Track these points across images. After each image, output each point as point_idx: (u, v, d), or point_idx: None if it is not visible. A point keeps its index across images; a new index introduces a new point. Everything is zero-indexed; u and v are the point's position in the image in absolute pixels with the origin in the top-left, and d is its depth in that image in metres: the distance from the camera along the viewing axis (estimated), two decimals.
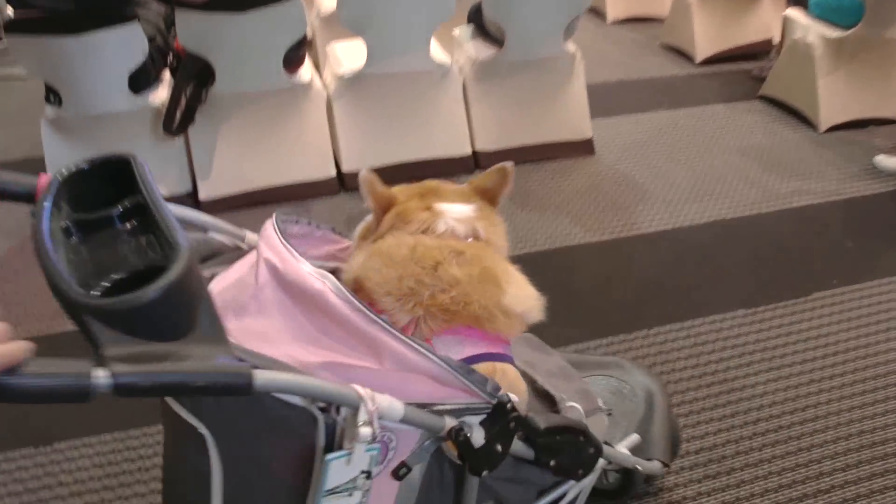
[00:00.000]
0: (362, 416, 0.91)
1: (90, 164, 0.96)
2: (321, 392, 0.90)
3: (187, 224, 1.25)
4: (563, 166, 3.49)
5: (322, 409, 0.95)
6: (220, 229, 1.31)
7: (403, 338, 0.98)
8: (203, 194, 3.04)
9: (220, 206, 3.03)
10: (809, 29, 3.82)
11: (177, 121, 2.85)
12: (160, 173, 3.03)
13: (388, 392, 0.95)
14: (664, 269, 2.75)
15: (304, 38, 2.98)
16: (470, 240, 1.25)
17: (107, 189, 0.93)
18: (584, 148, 3.58)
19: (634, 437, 1.57)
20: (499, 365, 1.17)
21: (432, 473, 1.13)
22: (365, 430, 0.91)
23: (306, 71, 3.13)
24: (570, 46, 3.48)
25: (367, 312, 0.98)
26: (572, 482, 1.36)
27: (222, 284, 1.11)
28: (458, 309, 1.14)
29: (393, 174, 3.14)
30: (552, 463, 1.20)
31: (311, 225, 1.33)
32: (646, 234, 2.95)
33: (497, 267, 1.23)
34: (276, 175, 3.12)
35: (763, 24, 4.86)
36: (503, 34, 3.30)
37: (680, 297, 2.58)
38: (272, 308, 1.04)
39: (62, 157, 2.90)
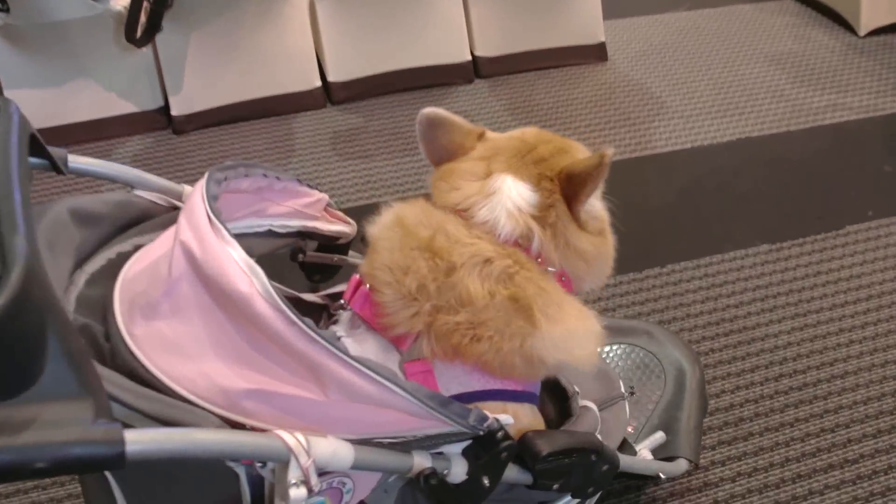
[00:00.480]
0: (293, 473, 0.69)
1: None
2: (231, 449, 0.68)
3: (106, 179, 0.99)
4: (572, 74, 3.17)
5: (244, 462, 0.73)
6: (149, 185, 1.04)
7: (353, 363, 0.73)
8: (175, 110, 2.77)
9: (194, 123, 2.78)
10: None
11: (141, 28, 2.55)
12: (126, 88, 2.75)
13: (336, 428, 0.72)
14: (680, 196, 2.49)
15: None
16: (512, 245, 0.96)
17: None
18: (595, 53, 3.24)
19: (658, 436, 1.36)
20: (511, 406, 0.94)
21: (405, 500, 0.93)
22: (297, 493, 0.69)
23: None
24: None
25: (304, 327, 0.72)
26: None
27: (138, 266, 0.86)
28: (461, 342, 0.89)
29: (384, 82, 2.93)
30: (555, 486, 0.99)
31: (268, 177, 1.04)
32: (661, 154, 2.68)
33: (537, 293, 0.93)
34: (255, 87, 2.83)
35: None
36: None
37: (696, 229, 2.33)
38: (190, 309, 0.77)
39: (16, 72, 2.62)
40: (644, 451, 1.32)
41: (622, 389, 1.35)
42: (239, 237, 0.79)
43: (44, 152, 0.83)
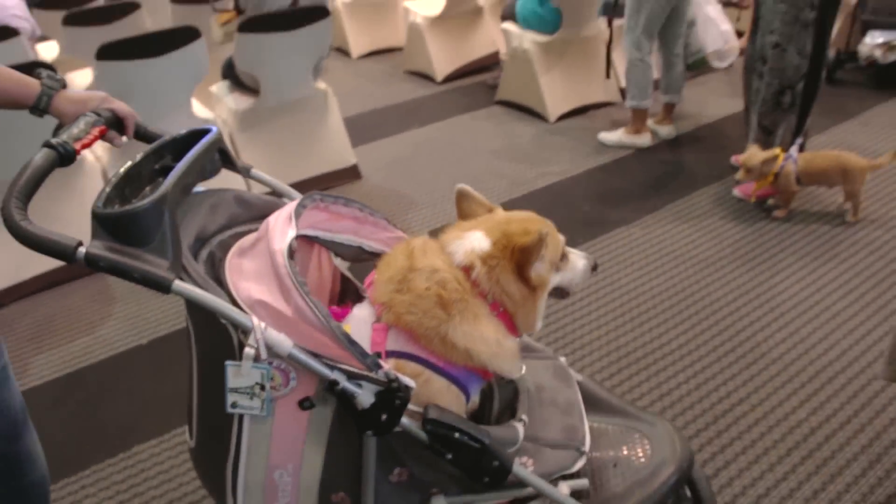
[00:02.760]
0: (251, 339, 1.16)
1: (182, 134, 1.42)
2: (222, 311, 1.17)
3: (268, 186, 1.61)
4: (335, 193, 3.77)
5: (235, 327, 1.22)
6: (291, 196, 1.62)
7: (306, 297, 1.19)
8: None
9: None
10: (523, 37, 4.40)
11: None
12: None
13: (291, 334, 1.18)
14: None
15: None
16: (461, 270, 1.33)
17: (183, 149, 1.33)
18: (350, 174, 3.90)
19: (583, 482, 1.48)
20: (427, 374, 1.31)
21: (344, 423, 1.30)
22: (248, 352, 1.16)
23: None
24: (321, 85, 3.80)
25: (290, 272, 1.20)
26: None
27: (259, 232, 1.37)
28: (401, 313, 1.31)
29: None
30: (449, 456, 1.29)
31: (363, 211, 1.56)
32: (417, 235, 3.30)
33: (461, 300, 1.30)
34: None
35: (489, 39, 5.46)
36: (257, 83, 3.55)
37: None
38: (259, 256, 1.29)
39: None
40: (563, 485, 1.44)
41: (585, 447, 1.46)
42: (337, 244, 1.51)
43: (229, 163, 1.49)
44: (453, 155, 4.14)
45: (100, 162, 3.24)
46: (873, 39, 4.52)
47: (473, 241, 1.35)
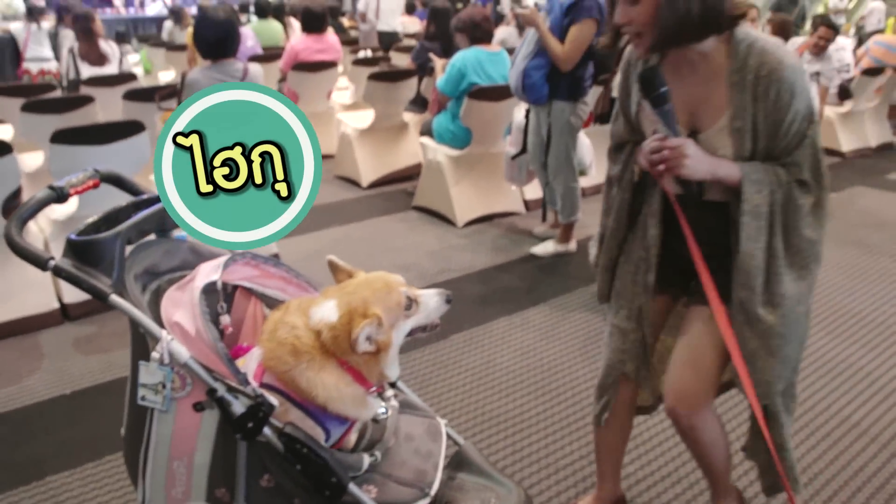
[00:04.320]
0: (158, 346, 1.55)
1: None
2: (141, 321, 1.57)
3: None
4: None
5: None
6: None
7: (205, 322, 1.56)
8: None
9: None
10: (438, 151, 4.96)
11: None
12: None
13: (192, 350, 1.55)
14: None
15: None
16: (315, 331, 1.58)
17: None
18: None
19: None
20: (286, 405, 1.59)
21: (226, 429, 1.61)
22: (154, 354, 1.55)
23: None
24: None
25: (198, 303, 1.58)
26: None
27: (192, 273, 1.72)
28: (264, 356, 1.61)
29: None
30: (298, 467, 1.56)
31: (289, 273, 1.94)
32: None
33: (309, 353, 1.56)
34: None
35: (412, 151, 6.03)
36: None
37: None
38: (186, 291, 1.63)
39: None
40: None
41: (428, 489, 1.68)
42: (268, 297, 1.89)
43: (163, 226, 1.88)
44: (366, 251, 4.59)
45: (42, 233, 3.59)
46: None
47: (325, 309, 1.61)
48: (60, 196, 1.72)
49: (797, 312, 1.74)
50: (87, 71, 5.98)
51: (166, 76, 8.35)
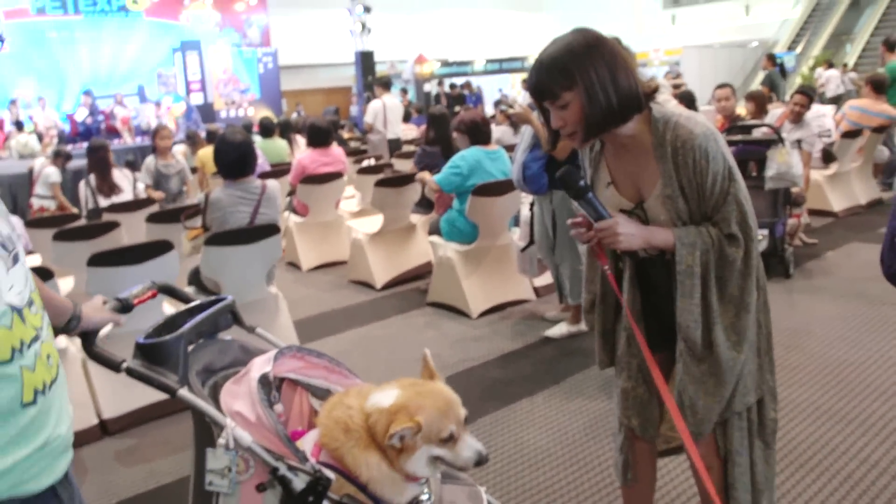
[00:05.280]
0: (224, 433, 1.70)
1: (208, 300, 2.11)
2: (206, 412, 1.73)
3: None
4: None
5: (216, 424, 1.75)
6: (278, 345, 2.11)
7: (265, 409, 1.73)
8: None
9: None
10: (447, 247, 5.19)
11: None
12: None
13: (254, 434, 1.71)
14: None
15: None
16: (364, 412, 1.73)
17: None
18: None
19: None
20: (341, 481, 1.71)
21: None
22: (220, 440, 1.69)
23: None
24: (273, 289, 4.46)
25: (257, 392, 1.75)
26: None
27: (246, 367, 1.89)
28: (322, 434, 1.77)
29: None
30: None
31: (331, 362, 2.10)
32: None
33: (360, 434, 1.70)
34: None
35: (422, 250, 6.26)
36: (219, 288, 4.18)
37: None
38: (243, 383, 1.82)
39: None
40: None
41: None
42: (313, 386, 2.04)
43: (239, 322, 2.15)
44: (387, 347, 4.76)
45: (80, 353, 3.78)
46: None
47: (385, 396, 1.75)
48: (126, 307, 1.93)
49: (731, 356, 1.92)
50: (103, 202, 6.31)
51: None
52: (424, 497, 1.85)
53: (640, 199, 1.97)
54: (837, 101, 13.85)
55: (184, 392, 1.74)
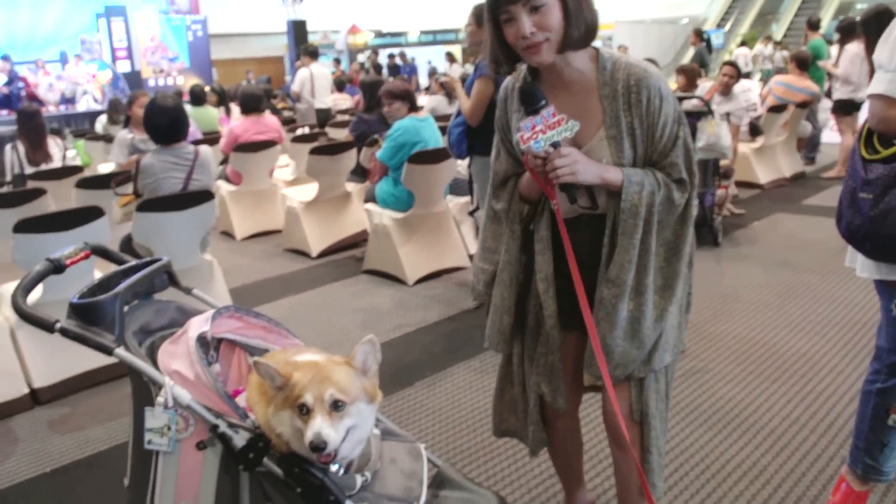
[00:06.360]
0: (162, 392, 1.71)
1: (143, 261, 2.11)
2: (144, 371, 1.74)
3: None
4: None
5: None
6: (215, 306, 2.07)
7: (203, 367, 1.73)
8: None
9: None
10: (383, 215, 5.20)
11: None
12: None
13: (193, 392, 1.71)
14: None
15: None
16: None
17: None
18: None
19: None
20: None
21: (228, 464, 1.76)
22: (159, 399, 1.70)
23: None
24: (207, 256, 4.40)
25: (194, 350, 1.74)
26: None
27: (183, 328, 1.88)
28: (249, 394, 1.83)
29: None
30: (298, 490, 1.66)
31: (270, 322, 2.09)
32: None
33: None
34: None
35: (357, 219, 6.25)
36: (151, 255, 4.11)
37: None
38: (180, 343, 1.81)
39: None
40: None
41: (416, 502, 1.82)
42: (251, 347, 2.04)
43: (175, 283, 2.15)
44: (324, 315, 4.76)
45: (8, 322, 3.68)
46: None
47: (300, 357, 1.77)
48: (58, 267, 1.90)
49: (656, 300, 1.89)
50: (29, 169, 6.09)
51: (105, 167, 8.47)
52: (334, 468, 1.77)
53: (578, 143, 1.86)
54: (748, 76, 14.45)
55: (120, 351, 1.74)
